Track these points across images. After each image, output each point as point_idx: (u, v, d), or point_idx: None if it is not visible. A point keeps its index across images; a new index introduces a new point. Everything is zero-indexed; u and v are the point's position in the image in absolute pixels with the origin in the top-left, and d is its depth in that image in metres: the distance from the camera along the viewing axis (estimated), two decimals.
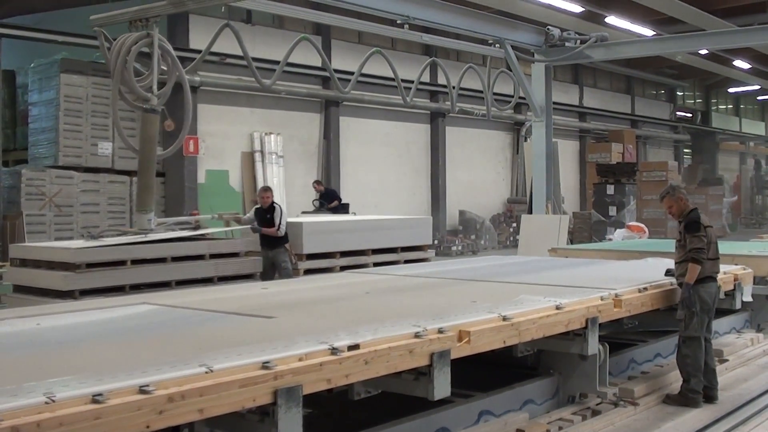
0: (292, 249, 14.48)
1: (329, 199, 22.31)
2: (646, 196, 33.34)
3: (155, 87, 10.62)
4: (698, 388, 8.09)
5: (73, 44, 20.29)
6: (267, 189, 14.90)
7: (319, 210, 21.86)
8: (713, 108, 52.74)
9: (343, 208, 22.14)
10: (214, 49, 12.05)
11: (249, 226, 14.47)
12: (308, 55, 20.26)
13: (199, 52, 12.35)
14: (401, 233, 16.80)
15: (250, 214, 14.66)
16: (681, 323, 8.24)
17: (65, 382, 4.04)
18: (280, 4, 20.93)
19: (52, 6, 21.86)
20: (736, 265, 10.76)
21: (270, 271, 13.96)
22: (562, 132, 34.40)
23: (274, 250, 14.08)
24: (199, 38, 11.01)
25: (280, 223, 13.97)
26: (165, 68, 11.99)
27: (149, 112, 11.74)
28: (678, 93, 48.95)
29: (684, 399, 8.07)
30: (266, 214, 14.12)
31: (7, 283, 11.56)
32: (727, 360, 9.75)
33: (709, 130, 50.40)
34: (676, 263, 8.51)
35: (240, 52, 11.62)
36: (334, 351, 4.96)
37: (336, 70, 15.77)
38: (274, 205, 14.21)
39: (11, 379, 4.17)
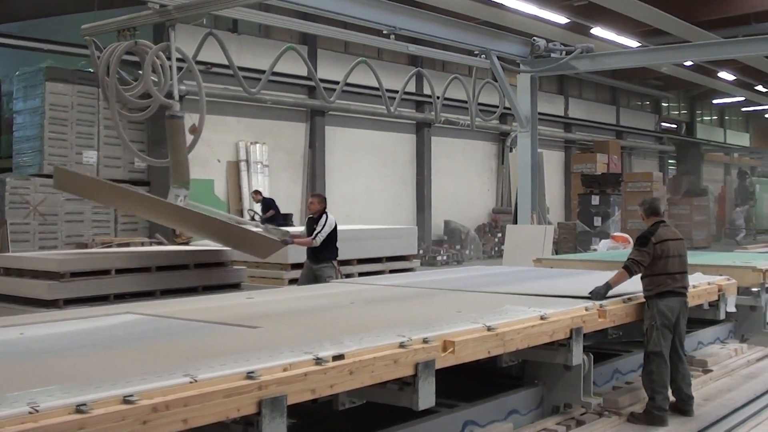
0: (287, 259, 14.14)
1: (266, 209, 21.62)
2: (631, 206, 33.40)
3: (176, 92, 10.61)
4: (664, 405, 7.87)
5: (58, 52, 20.27)
6: (314, 195, 13.88)
7: (253, 219, 20.61)
8: (698, 119, 52.97)
9: (284, 219, 21.58)
10: (200, 58, 12.05)
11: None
12: (294, 65, 20.27)
13: (185, 61, 12.31)
14: (386, 243, 16.79)
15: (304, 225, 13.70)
16: (644, 337, 8.18)
17: (49, 392, 4.03)
18: (266, 13, 20.92)
19: (37, 14, 21.82)
20: (721, 275, 10.80)
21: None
22: (547, 142, 34.50)
23: (320, 265, 12.98)
24: (183, 47, 11.04)
25: (318, 233, 12.77)
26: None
27: (174, 118, 11.62)
28: (663, 104, 49.16)
29: (649, 417, 7.78)
30: (314, 224, 13.07)
31: None
32: (711, 370, 9.77)
33: (694, 141, 50.60)
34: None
35: (226, 62, 11.61)
36: (318, 361, 4.96)
37: (322, 80, 15.79)
38: (325, 213, 13.07)
39: None
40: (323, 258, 12.97)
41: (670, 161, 49.92)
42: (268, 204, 21.89)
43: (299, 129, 26.16)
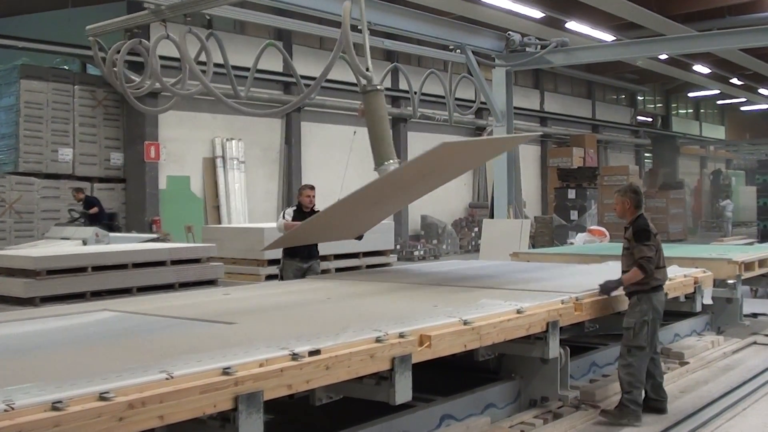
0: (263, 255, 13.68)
1: (88, 207, 19.54)
2: (607, 200, 33.48)
3: (370, 64, 10.33)
4: (640, 400, 7.73)
5: (33, 50, 20.17)
6: (312, 187, 12.62)
7: (76, 220, 19.02)
8: (673, 112, 53.22)
9: (109, 218, 19.80)
10: (176, 55, 12.01)
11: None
12: (270, 61, 20.28)
13: (166, 58, 12.28)
14: (363, 238, 16.79)
15: (286, 218, 12.04)
16: (629, 331, 7.83)
17: (25, 390, 4.02)
18: (241, 9, 20.87)
19: (11, 11, 21.72)
20: (697, 268, 10.86)
21: None
22: None
23: (311, 261, 12.05)
24: (162, 45, 11.02)
25: None
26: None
27: (374, 91, 10.46)
28: (638, 97, 49.38)
29: (622, 413, 7.63)
30: (308, 217, 11.45)
31: None
32: (687, 363, 9.83)
33: (670, 135, 50.84)
34: (623, 271, 8.14)
35: (203, 58, 11.57)
36: (294, 356, 4.96)
37: (300, 76, 15.77)
38: (315, 210, 12.05)
39: None
40: (316, 254, 12.22)
41: (646, 155, 50.17)
42: (90, 202, 19.91)
43: (275, 125, 26.13)
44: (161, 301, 8.37)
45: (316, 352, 5.11)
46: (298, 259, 11.86)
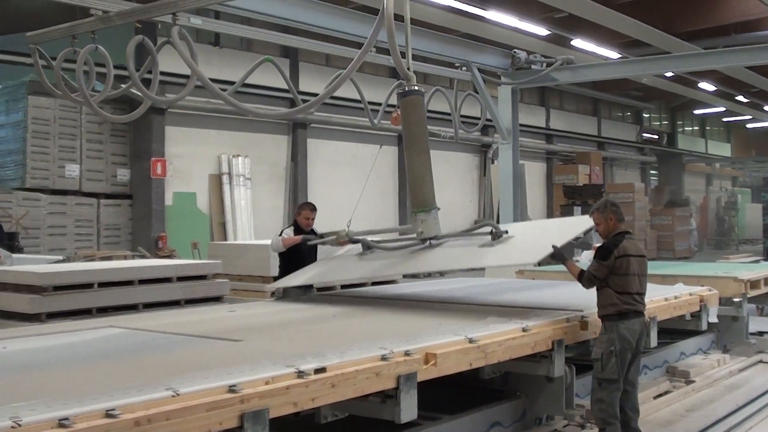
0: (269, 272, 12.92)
1: None
2: None
3: (410, 60, 9.87)
4: None
5: (41, 66, 20.24)
6: (314, 208, 11.68)
7: None
8: (679, 130, 53.15)
9: (9, 239, 18.27)
10: (183, 72, 12.03)
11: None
12: (276, 78, 20.28)
13: (167, 74, 12.28)
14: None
15: (282, 236, 11.30)
16: (597, 363, 7.47)
17: (32, 406, 4.04)
18: (247, 27, 20.95)
19: (19, 28, 21.77)
20: (702, 286, 10.85)
21: None
22: (529, 154, 34.62)
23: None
24: (166, 60, 11.01)
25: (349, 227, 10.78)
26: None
27: (413, 94, 9.78)
28: (644, 115, 49.34)
29: None
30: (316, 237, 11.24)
31: None
32: (693, 381, 9.82)
33: (676, 152, 50.79)
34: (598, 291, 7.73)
35: (210, 75, 11.58)
36: (300, 374, 4.97)
37: (304, 92, 15.86)
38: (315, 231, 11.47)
39: None
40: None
41: (651, 172, 50.11)
42: None
43: (281, 142, 26.17)
44: (167, 318, 8.37)
45: (322, 369, 5.12)
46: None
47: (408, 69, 9.46)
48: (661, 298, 9.50)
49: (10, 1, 20.86)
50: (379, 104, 15.08)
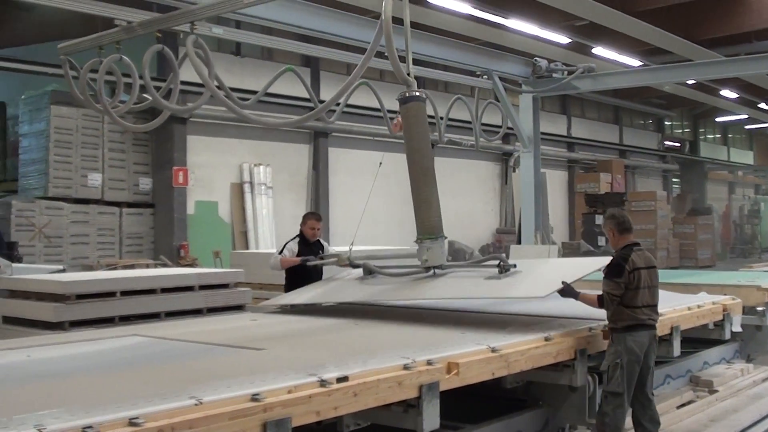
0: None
1: None
2: (635, 226, 33.28)
3: (411, 65, 9.29)
4: None
5: (63, 76, 20.36)
6: (319, 219, 11.80)
7: None
8: (701, 137, 52.96)
9: (9, 248, 18.07)
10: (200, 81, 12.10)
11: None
12: (297, 87, 20.39)
13: (189, 83, 12.32)
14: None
15: (285, 253, 11.37)
16: (604, 375, 7.46)
17: (56, 414, 4.06)
18: (268, 36, 21.02)
19: (42, 38, 21.94)
20: (725, 295, 10.80)
21: None
22: (550, 162, 34.53)
23: None
24: (189, 70, 11.03)
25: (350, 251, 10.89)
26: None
27: (414, 100, 9.29)
28: (666, 122, 49.19)
29: None
30: (318, 250, 11.42)
31: None
32: (716, 391, 9.76)
33: (698, 160, 50.60)
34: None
35: (232, 85, 11.61)
36: (323, 383, 4.98)
37: (323, 102, 15.82)
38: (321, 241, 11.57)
39: (2, 411, 4.18)
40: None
41: (673, 180, 49.91)
42: None
43: (303, 150, 26.21)
44: (190, 327, 8.39)
45: (344, 378, 5.12)
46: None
47: (408, 74, 9.12)
48: (684, 307, 9.46)
49: (34, 12, 20.99)
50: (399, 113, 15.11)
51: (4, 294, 12.69)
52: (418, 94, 9.21)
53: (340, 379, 5.09)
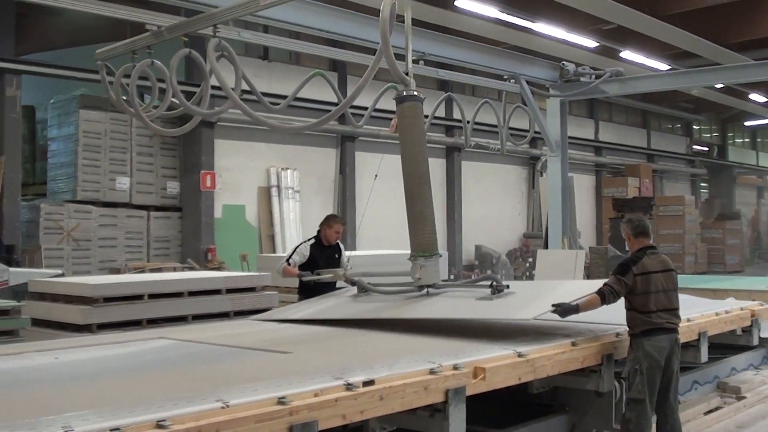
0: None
1: None
2: (663, 230, 33.37)
3: (410, 64, 9.20)
4: None
5: (92, 80, 20.47)
6: (344, 223, 11.79)
7: None
8: (730, 141, 52.62)
9: (8, 252, 17.84)
10: (232, 86, 12.18)
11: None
12: (324, 91, 20.44)
13: (218, 88, 12.37)
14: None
15: (299, 255, 11.17)
16: (625, 382, 7.36)
17: (83, 416, 4.09)
18: (296, 41, 21.07)
19: (71, 43, 22.09)
20: (754, 300, 10.73)
21: None
22: (578, 166, 34.41)
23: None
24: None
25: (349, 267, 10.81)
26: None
27: (411, 100, 9.03)
28: (694, 127, 48.91)
29: None
30: (334, 253, 11.22)
31: (26, 316, 11.61)
32: (744, 397, 9.71)
33: (726, 164, 50.28)
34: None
35: (260, 89, 11.65)
36: (349, 387, 4.98)
37: (352, 106, 15.85)
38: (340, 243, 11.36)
39: (30, 412, 4.22)
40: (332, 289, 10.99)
41: (702, 184, 49.63)
42: None
43: (330, 155, 26.25)
44: (217, 330, 8.43)
45: (371, 382, 5.12)
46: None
47: (407, 73, 8.95)
48: (711, 313, 9.42)
49: (63, 17, 21.13)
50: (427, 116, 15.11)
51: (34, 297, 12.79)
52: (415, 93, 8.97)
53: (366, 383, 5.09)
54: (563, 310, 7.31)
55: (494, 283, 8.23)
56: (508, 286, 8.24)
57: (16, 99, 19.26)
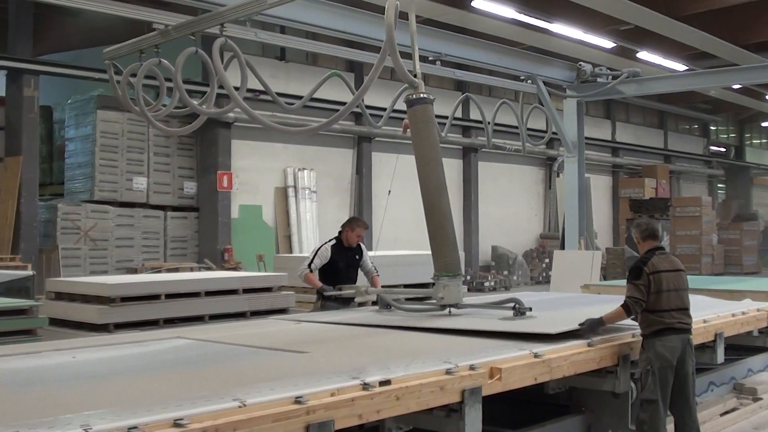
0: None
1: None
2: (680, 231, 33.24)
3: (417, 65, 8.96)
4: None
5: (109, 81, 20.59)
6: (367, 227, 11.51)
7: None
8: (747, 142, 52.44)
9: None
10: (249, 86, 12.20)
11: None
12: (341, 92, 20.46)
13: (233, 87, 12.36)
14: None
15: (321, 258, 10.86)
16: (637, 383, 7.29)
17: (101, 415, 4.10)
18: (313, 41, 21.11)
19: (88, 44, 22.17)
20: None
21: None
22: (594, 167, 34.35)
23: (353, 305, 11.23)
24: (229, 73, 11.08)
25: (376, 270, 11.10)
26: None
27: (422, 103, 8.86)
28: (711, 127, 48.75)
29: None
30: (354, 255, 11.02)
31: (43, 316, 11.68)
32: (761, 399, 9.67)
33: (743, 165, 50.10)
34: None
35: (275, 89, 11.67)
36: (365, 386, 4.98)
37: (369, 106, 15.88)
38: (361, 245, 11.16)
39: (49, 411, 4.23)
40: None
41: (719, 185, 49.46)
42: None
43: (346, 155, 26.29)
44: (233, 329, 8.44)
45: (387, 382, 5.12)
46: (337, 301, 10.81)
47: (415, 76, 8.79)
48: (728, 314, 9.38)
49: (80, 18, 21.21)
50: (446, 117, 15.13)
51: (51, 296, 12.87)
52: (424, 96, 8.81)
53: (382, 383, 5.09)
54: (589, 326, 7.28)
55: (517, 305, 8.14)
56: (530, 309, 8.16)
57: (34, 99, 19.36)
